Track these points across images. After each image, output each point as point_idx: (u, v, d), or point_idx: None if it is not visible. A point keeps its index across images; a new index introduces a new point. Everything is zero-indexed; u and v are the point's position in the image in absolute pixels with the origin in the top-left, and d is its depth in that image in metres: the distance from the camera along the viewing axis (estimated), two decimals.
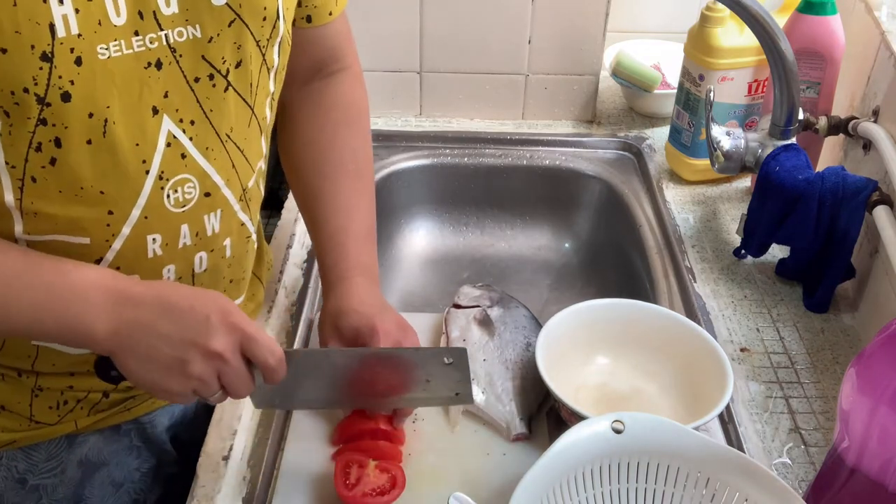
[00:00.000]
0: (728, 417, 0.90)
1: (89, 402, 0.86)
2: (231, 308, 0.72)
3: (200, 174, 0.78)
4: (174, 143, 0.74)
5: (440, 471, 0.83)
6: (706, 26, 1.18)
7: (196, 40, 0.72)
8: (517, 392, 0.90)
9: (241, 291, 0.93)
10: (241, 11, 0.74)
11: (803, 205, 1.03)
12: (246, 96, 0.79)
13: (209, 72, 0.74)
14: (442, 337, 0.98)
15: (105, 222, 0.74)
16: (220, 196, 0.80)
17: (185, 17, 0.71)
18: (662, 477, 0.76)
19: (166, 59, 0.71)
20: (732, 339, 1.01)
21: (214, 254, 0.83)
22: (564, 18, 1.32)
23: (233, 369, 0.72)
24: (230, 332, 0.71)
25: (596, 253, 1.36)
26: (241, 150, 0.81)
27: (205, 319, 0.70)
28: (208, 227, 0.81)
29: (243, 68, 0.77)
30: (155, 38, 0.70)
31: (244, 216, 0.86)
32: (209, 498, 0.81)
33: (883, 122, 1.05)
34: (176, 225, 0.78)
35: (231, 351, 0.71)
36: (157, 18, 0.70)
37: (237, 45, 0.75)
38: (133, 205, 0.74)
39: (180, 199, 0.77)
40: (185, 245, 0.80)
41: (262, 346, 0.72)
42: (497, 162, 1.37)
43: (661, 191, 1.27)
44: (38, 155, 0.68)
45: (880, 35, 1.08)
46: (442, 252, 1.39)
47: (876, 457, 0.68)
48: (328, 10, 0.90)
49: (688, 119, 1.24)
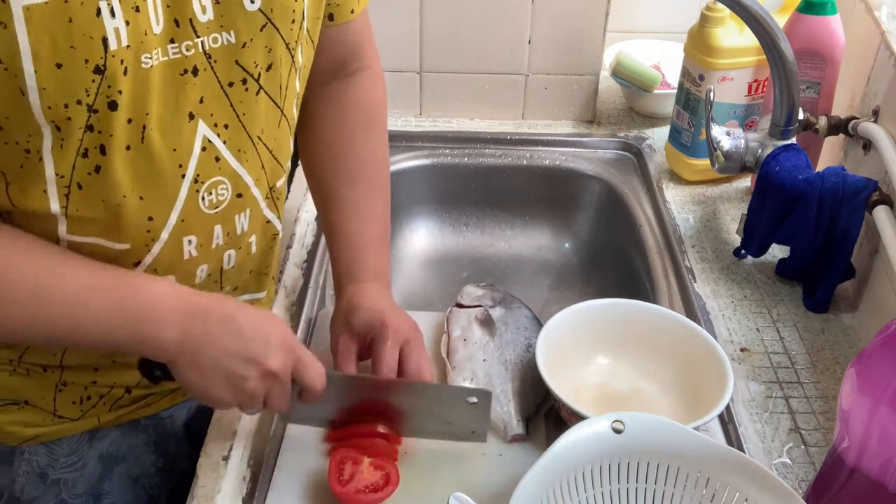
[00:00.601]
0: (728, 417, 0.90)
1: (112, 398, 0.88)
2: (287, 331, 0.78)
3: (233, 176, 0.79)
4: (209, 147, 0.76)
5: (436, 470, 0.83)
6: (706, 26, 1.18)
7: (230, 46, 0.73)
8: (516, 393, 0.90)
9: (261, 286, 0.95)
10: (272, 16, 0.75)
11: (803, 205, 1.03)
12: (276, 98, 0.80)
13: (242, 76, 0.75)
14: (443, 336, 0.98)
15: (146, 228, 0.76)
16: (249, 196, 0.83)
17: (221, 23, 0.72)
18: (662, 477, 0.76)
19: (202, 66, 0.72)
20: (732, 339, 1.01)
21: (241, 251, 0.86)
22: (564, 18, 1.32)
23: (282, 388, 0.77)
24: (287, 354, 0.76)
25: (596, 253, 1.36)
26: (271, 150, 0.83)
27: (266, 340, 0.75)
28: (238, 226, 0.83)
29: (273, 71, 0.78)
30: (191, 46, 0.71)
31: (270, 214, 0.88)
32: (209, 498, 0.81)
33: (883, 122, 1.05)
34: (210, 226, 0.80)
35: (284, 371, 0.76)
36: (193, 26, 0.70)
37: (268, 49, 0.76)
38: (171, 209, 0.76)
39: (214, 201, 0.79)
40: (217, 245, 0.82)
41: (312, 370, 0.78)
42: (497, 162, 1.37)
43: (661, 191, 1.27)
44: (85, 161, 0.69)
45: (880, 35, 1.08)
46: (442, 252, 1.39)
47: (876, 457, 0.68)
48: (350, 8, 0.90)
49: (688, 119, 1.24)
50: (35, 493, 0.88)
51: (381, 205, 0.96)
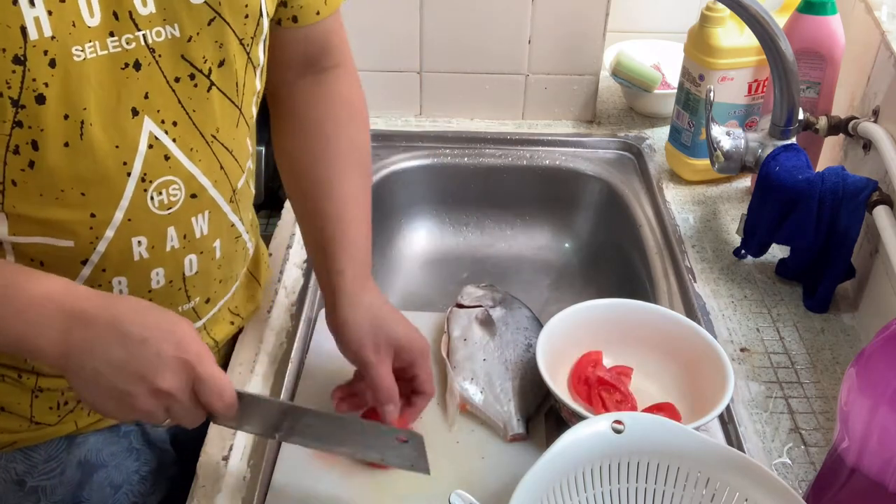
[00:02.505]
0: (728, 417, 0.90)
1: None
2: (187, 342, 0.68)
3: (186, 176, 0.77)
4: (156, 145, 0.74)
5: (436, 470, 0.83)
6: (706, 26, 1.18)
7: (175, 40, 0.71)
8: (516, 393, 0.90)
9: (228, 289, 0.92)
10: (220, 10, 0.73)
11: (803, 205, 1.03)
12: (232, 96, 0.78)
13: (190, 71, 0.74)
14: (443, 336, 0.98)
15: (88, 225, 0.73)
16: (207, 197, 0.80)
17: (163, 16, 0.70)
18: (662, 477, 0.76)
19: (145, 60, 0.70)
20: (732, 339, 1.01)
21: (204, 256, 0.83)
22: (564, 18, 1.32)
23: (181, 406, 0.69)
24: (180, 371, 0.67)
25: (596, 253, 1.36)
26: (230, 150, 0.80)
27: (155, 355, 0.66)
28: (196, 229, 0.80)
29: (227, 67, 0.76)
30: (132, 39, 0.69)
31: (234, 217, 0.85)
32: (209, 498, 0.81)
33: (883, 122, 1.05)
34: (162, 227, 0.77)
35: (180, 390, 0.68)
36: (133, 19, 0.69)
37: (219, 44, 0.74)
38: (115, 207, 0.74)
39: (165, 202, 0.76)
40: (174, 248, 0.79)
41: (212, 389, 0.69)
42: (497, 162, 1.37)
43: (661, 191, 1.27)
44: (17, 158, 0.68)
45: (880, 35, 1.08)
46: (442, 252, 1.39)
47: (876, 457, 0.68)
48: (315, 10, 0.88)
49: (688, 119, 1.24)
50: (13, 501, 0.86)
51: (368, 197, 0.93)
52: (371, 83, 1.39)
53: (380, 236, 1.33)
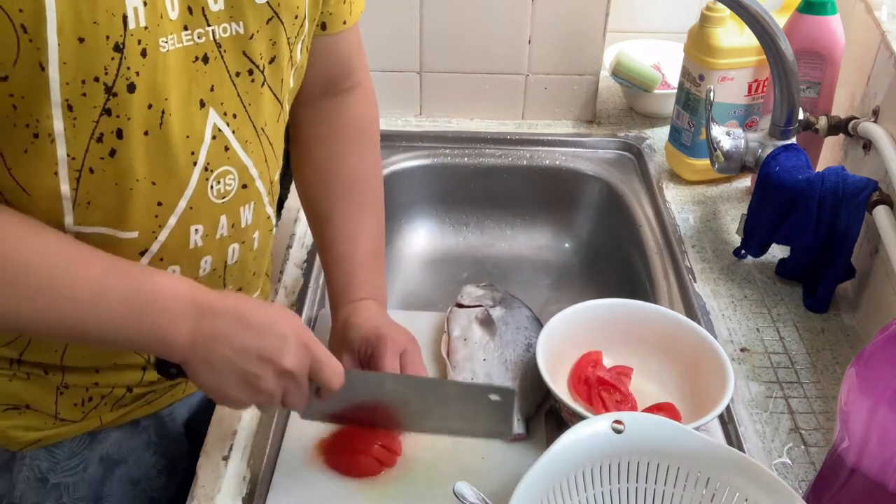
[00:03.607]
0: (728, 417, 0.90)
1: (113, 398, 0.87)
2: (303, 327, 0.76)
3: (240, 166, 0.80)
4: (219, 136, 0.77)
5: (436, 471, 0.83)
6: (706, 26, 1.18)
7: (239, 36, 0.74)
8: (516, 392, 0.90)
9: (259, 285, 0.95)
10: (279, 10, 0.76)
11: (803, 205, 1.03)
12: (277, 92, 0.81)
13: (248, 67, 0.77)
14: (443, 336, 0.98)
15: (154, 213, 0.75)
16: (254, 188, 0.83)
17: (230, 13, 0.73)
18: (662, 477, 0.76)
19: (212, 54, 0.73)
20: (732, 339, 1.01)
21: (245, 246, 0.86)
22: (564, 18, 1.32)
23: (299, 387, 0.75)
24: (302, 352, 0.74)
25: (596, 253, 1.36)
26: (272, 144, 0.84)
27: (281, 338, 0.73)
28: (243, 218, 0.83)
29: (276, 64, 0.79)
30: (203, 34, 0.72)
31: (270, 209, 0.89)
32: (209, 498, 0.81)
33: (883, 122, 1.05)
34: (216, 215, 0.80)
35: (302, 369, 0.74)
36: (205, 14, 0.71)
37: (272, 42, 0.78)
38: (181, 196, 0.76)
39: (221, 191, 0.79)
40: (222, 236, 0.82)
41: (329, 368, 0.76)
42: (497, 162, 1.37)
43: (661, 191, 1.27)
44: (99, 146, 0.69)
45: (880, 35, 1.08)
46: (442, 252, 1.39)
47: (876, 457, 0.68)
48: (342, 19, 0.90)
49: (688, 119, 1.24)
50: (34, 499, 0.87)
51: (373, 224, 0.97)
52: None
53: None
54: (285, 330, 0.73)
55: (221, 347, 0.71)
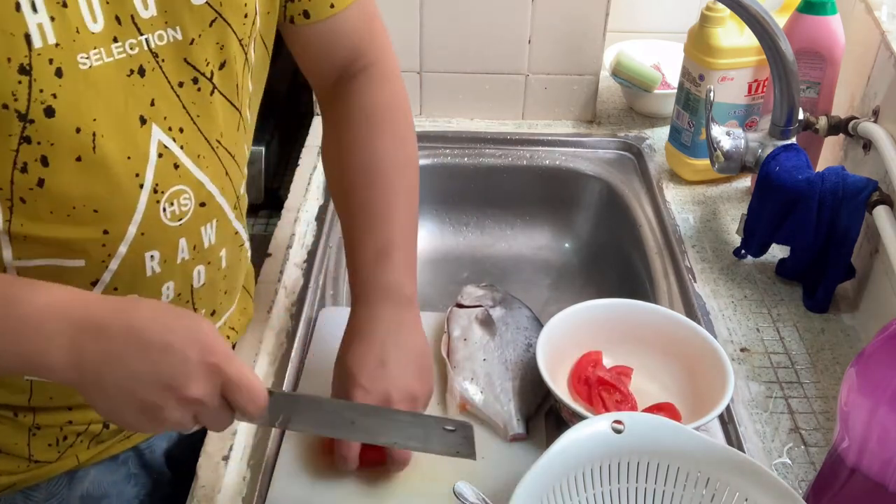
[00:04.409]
0: (728, 417, 0.90)
1: (89, 435, 0.83)
2: (212, 342, 0.63)
3: (195, 184, 0.75)
4: (166, 154, 0.71)
5: (436, 471, 0.83)
6: (706, 26, 1.18)
7: (177, 43, 0.69)
8: (516, 392, 0.90)
9: (233, 302, 0.91)
10: (221, 10, 0.71)
11: (803, 205, 1.03)
12: (233, 99, 0.76)
13: (193, 75, 0.71)
14: (443, 336, 0.98)
15: (101, 242, 0.70)
16: (215, 205, 0.78)
17: (165, 19, 0.68)
18: (662, 477, 0.76)
19: (149, 65, 0.68)
20: (732, 339, 1.01)
21: (211, 266, 0.81)
22: (564, 18, 1.32)
23: (211, 412, 0.65)
24: (210, 376, 0.63)
25: (596, 253, 1.36)
26: (233, 155, 0.78)
27: (183, 361, 0.61)
28: (205, 238, 0.78)
29: (228, 69, 0.74)
30: (135, 44, 0.67)
31: (238, 224, 0.83)
32: (209, 498, 0.81)
33: (883, 122, 1.05)
34: (174, 239, 0.75)
35: (210, 395, 0.63)
36: (135, 22, 0.66)
37: (220, 46, 0.72)
38: (129, 221, 0.71)
39: (176, 212, 0.74)
40: (184, 260, 0.77)
41: (244, 393, 0.64)
42: (497, 162, 1.37)
43: (661, 191, 1.27)
44: (25, 176, 0.64)
45: (880, 35, 1.08)
46: (442, 252, 1.39)
47: (876, 457, 0.68)
48: (328, 3, 0.83)
49: (688, 119, 1.24)
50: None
51: (400, 208, 0.86)
52: None
53: None
54: (188, 351, 0.62)
55: (113, 372, 0.61)
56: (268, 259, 1.12)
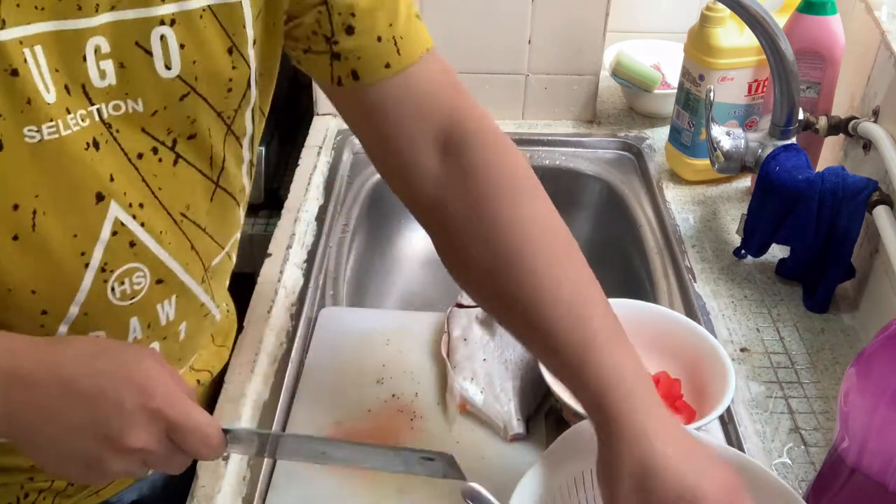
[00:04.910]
0: (728, 417, 0.90)
1: (53, 491, 0.77)
2: (151, 385, 0.58)
3: (152, 261, 0.69)
4: (122, 231, 0.66)
5: None
6: (706, 26, 1.18)
7: (135, 114, 0.63)
8: (516, 392, 0.90)
9: (188, 362, 0.84)
10: (196, 84, 0.65)
11: (803, 205, 1.03)
12: (204, 169, 0.70)
13: (152, 145, 0.66)
14: (443, 336, 0.98)
15: (39, 323, 0.65)
16: (175, 281, 0.72)
17: (126, 90, 0.62)
18: None
19: (102, 137, 0.62)
20: (732, 339, 1.01)
21: (168, 340, 0.75)
22: (564, 18, 1.32)
23: (160, 458, 0.60)
24: (151, 422, 0.58)
25: (596, 253, 1.35)
26: (203, 227, 0.72)
27: (118, 408, 0.57)
28: (162, 315, 0.72)
29: (199, 140, 0.68)
30: (85, 115, 0.61)
31: (205, 297, 0.77)
32: (209, 498, 0.81)
33: (883, 122, 1.05)
34: (123, 319, 0.69)
35: (154, 442, 0.58)
36: (86, 91, 0.60)
37: (191, 120, 0.67)
38: (70, 302, 0.66)
39: (127, 291, 0.68)
40: (136, 339, 0.71)
41: (192, 435, 0.59)
42: None
43: (661, 191, 1.27)
44: None
45: (880, 35, 1.08)
46: None
47: (876, 457, 0.68)
48: (382, 62, 0.71)
49: (688, 119, 1.24)
50: None
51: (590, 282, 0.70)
52: None
53: (380, 236, 1.33)
54: (123, 396, 0.57)
55: (47, 427, 0.57)
56: (268, 259, 1.12)
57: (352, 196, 1.27)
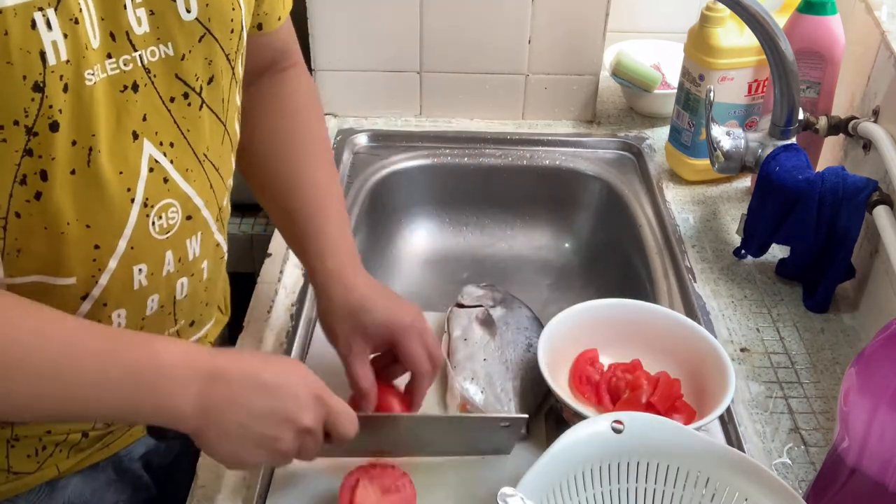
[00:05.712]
0: (728, 417, 0.90)
1: (69, 444, 0.82)
2: (314, 380, 0.73)
3: (182, 198, 0.76)
4: (156, 168, 0.72)
5: (435, 471, 0.83)
6: (706, 26, 1.18)
7: (168, 59, 0.70)
8: (516, 392, 0.90)
9: (212, 314, 0.91)
10: (210, 25, 0.72)
11: (803, 205, 1.03)
12: (219, 113, 0.77)
13: (183, 90, 0.72)
14: (444, 336, 0.98)
15: (91, 257, 0.71)
16: (200, 218, 0.78)
17: (157, 35, 0.68)
18: (662, 477, 0.76)
19: (142, 81, 0.69)
20: (732, 339, 1.01)
21: (194, 278, 0.81)
22: (564, 18, 1.32)
23: (316, 442, 0.73)
24: (317, 407, 0.72)
25: (596, 253, 1.36)
26: (217, 168, 0.79)
27: (294, 396, 0.71)
28: (190, 251, 0.79)
29: (215, 84, 0.75)
30: (129, 60, 0.67)
31: (220, 236, 0.84)
32: (209, 498, 0.81)
33: (883, 122, 1.05)
34: (161, 252, 0.76)
35: (318, 425, 0.72)
36: (129, 39, 0.67)
37: (208, 61, 0.73)
38: (119, 236, 0.72)
39: (164, 226, 0.75)
40: (169, 272, 0.77)
41: (345, 419, 0.74)
42: (497, 162, 1.37)
43: (661, 191, 1.27)
44: (23, 189, 0.65)
45: (880, 35, 1.08)
46: (442, 252, 1.39)
47: (876, 457, 0.69)
48: (277, 16, 0.87)
49: (688, 119, 1.24)
50: None
51: (337, 185, 0.94)
52: (371, 83, 1.39)
53: (380, 236, 1.33)
54: (298, 386, 0.71)
55: (236, 413, 0.68)
56: (268, 259, 1.12)
57: (352, 196, 1.27)
